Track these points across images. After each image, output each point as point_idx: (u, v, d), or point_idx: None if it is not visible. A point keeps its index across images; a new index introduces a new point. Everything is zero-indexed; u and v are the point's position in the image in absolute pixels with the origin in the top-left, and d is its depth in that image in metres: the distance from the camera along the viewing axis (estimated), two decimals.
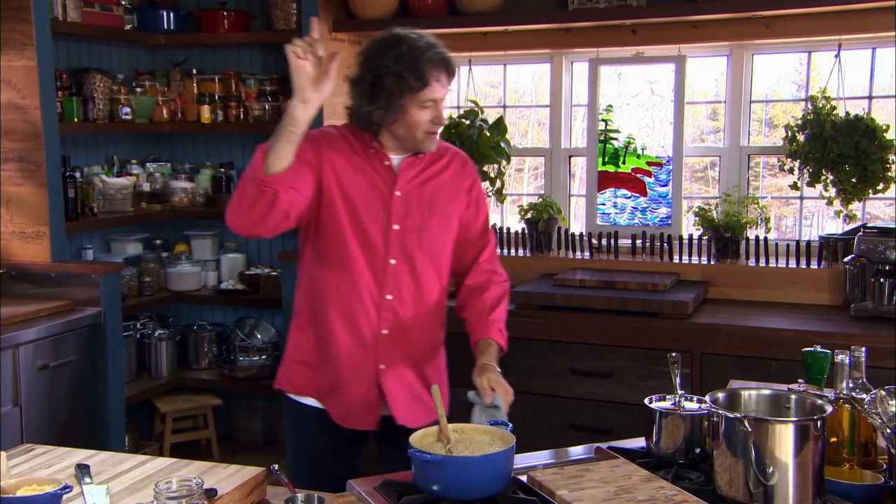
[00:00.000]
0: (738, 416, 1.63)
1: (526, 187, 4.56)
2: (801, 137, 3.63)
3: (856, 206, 3.64)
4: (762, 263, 3.72)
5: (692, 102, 4.02)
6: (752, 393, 1.79)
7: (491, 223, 4.15)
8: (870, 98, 3.74)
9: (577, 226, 4.24)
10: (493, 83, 4.46)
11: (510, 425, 1.85)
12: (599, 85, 3.99)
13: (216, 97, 4.35)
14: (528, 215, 4.05)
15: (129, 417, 3.85)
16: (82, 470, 1.78)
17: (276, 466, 1.77)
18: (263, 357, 4.30)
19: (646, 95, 3.95)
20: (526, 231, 4.10)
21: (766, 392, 1.79)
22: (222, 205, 4.31)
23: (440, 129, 2.25)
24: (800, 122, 3.64)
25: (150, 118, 4.29)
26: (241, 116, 4.32)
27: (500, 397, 2.08)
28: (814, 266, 3.65)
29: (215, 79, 4.38)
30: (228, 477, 1.78)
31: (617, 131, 3.99)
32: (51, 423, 3.32)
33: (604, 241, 3.98)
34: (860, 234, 3.41)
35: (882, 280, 3.32)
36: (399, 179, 2.24)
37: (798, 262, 3.68)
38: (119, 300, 3.68)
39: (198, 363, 4.46)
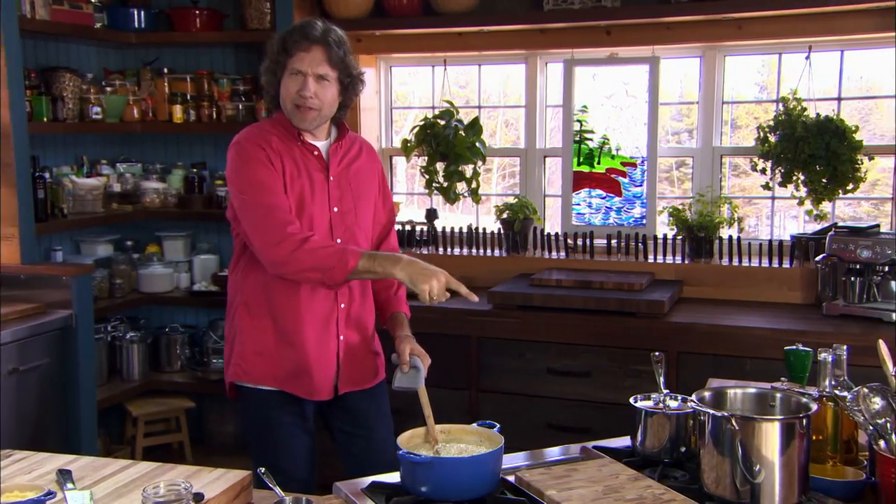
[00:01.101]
0: (726, 414, 1.64)
1: (494, 187, 4.56)
2: (772, 138, 3.68)
3: (820, 207, 3.69)
4: (735, 263, 3.76)
5: (666, 104, 4.05)
6: (738, 391, 1.80)
7: (467, 224, 4.20)
8: (839, 99, 3.80)
9: (550, 226, 4.26)
10: (460, 83, 4.45)
11: (497, 426, 1.85)
12: (574, 86, 4.01)
13: (188, 97, 4.30)
14: (504, 215, 4.06)
15: (100, 421, 3.78)
16: (64, 475, 1.75)
17: (263, 469, 1.75)
18: None
19: (620, 96, 3.98)
20: (502, 231, 4.11)
21: (752, 390, 1.80)
22: (195, 205, 4.30)
23: (313, 108, 2.33)
24: (772, 122, 3.69)
25: (120, 118, 4.23)
26: (214, 116, 4.27)
27: (421, 362, 2.33)
28: (786, 265, 3.70)
29: (187, 78, 4.33)
30: (214, 481, 1.75)
31: (591, 132, 4.01)
32: (21, 427, 3.25)
33: (579, 241, 4.00)
34: (831, 233, 3.46)
35: (853, 279, 3.37)
36: (330, 166, 2.41)
37: (770, 262, 3.73)
38: (91, 302, 3.62)
39: (170, 366, 4.40)
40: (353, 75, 2.39)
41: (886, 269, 3.32)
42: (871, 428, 1.72)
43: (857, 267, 3.37)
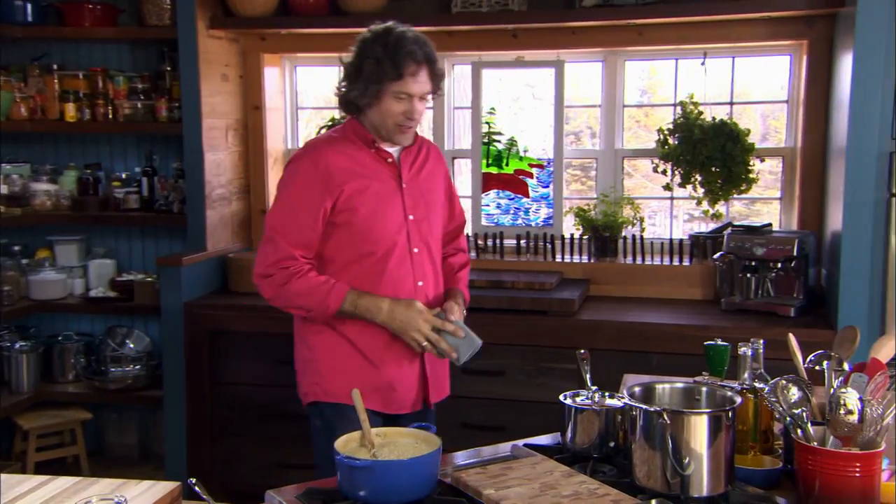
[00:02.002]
0: (658, 409, 1.69)
1: None
2: (672, 141, 3.81)
3: (710, 207, 3.83)
4: (638, 261, 3.88)
5: (570, 106, 4.13)
6: (666, 386, 1.86)
7: None
8: (731, 104, 3.97)
9: None
10: None
11: (433, 427, 1.85)
12: (482, 88, 4.05)
13: (81, 94, 4.11)
14: None
15: None
16: None
17: (194, 480, 1.69)
18: (137, 367, 4.09)
19: (527, 98, 4.04)
20: None
21: (679, 385, 1.86)
22: (90, 208, 4.13)
23: (415, 125, 2.37)
24: (671, 126, 3.82)
25: (6, 116, 4.02)
26: (110, 115, 4.10)
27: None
28: (685, 263, 3.84)
29: (80, 75, 4.14)
30: (142, 493, 1.69)
31: (500, 133, 4.06)
32: None
33: (489, 242, 4.04)
34: (728, 231, 3.61)
35: (749, 275, 3.53)
36: (402, 172, 2.41)
37: (671, 260, 3.86)
38: None
39: (64, 376, 4.20)
40: (440, 86, 2.41)
41: (780, 265, 3.49)
42: (788, 418, 1.80)
43: (753, 264, 3.53)
